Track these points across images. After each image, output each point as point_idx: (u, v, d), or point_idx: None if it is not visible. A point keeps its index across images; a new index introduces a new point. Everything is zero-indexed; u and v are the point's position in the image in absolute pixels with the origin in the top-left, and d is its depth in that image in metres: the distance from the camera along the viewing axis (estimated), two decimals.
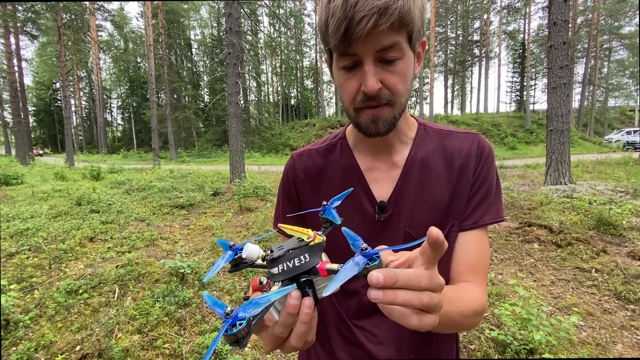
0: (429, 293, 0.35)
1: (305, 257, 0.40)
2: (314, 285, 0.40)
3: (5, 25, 18.48)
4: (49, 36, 23.32)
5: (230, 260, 0.42)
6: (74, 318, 2.62)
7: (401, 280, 0.34)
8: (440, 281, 0.36)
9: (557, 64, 6.36)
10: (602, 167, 10.11)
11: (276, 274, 0.40)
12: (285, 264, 0.40)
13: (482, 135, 0.69)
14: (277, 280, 0.40)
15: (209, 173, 10.86)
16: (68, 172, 11.95)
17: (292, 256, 0.40)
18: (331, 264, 0.39)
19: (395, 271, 0.34)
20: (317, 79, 35.92)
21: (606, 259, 3.34)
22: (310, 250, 0.40)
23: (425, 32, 0.60)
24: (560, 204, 5.13)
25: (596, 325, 2.43)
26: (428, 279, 0.35)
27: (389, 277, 0.33)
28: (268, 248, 0.43)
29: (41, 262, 3.63)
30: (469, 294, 0.57)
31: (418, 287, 0.34)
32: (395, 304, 0.34)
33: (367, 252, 0.34)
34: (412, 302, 0.34)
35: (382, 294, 0.34)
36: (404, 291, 0.34)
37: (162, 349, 2.26)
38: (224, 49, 9.06)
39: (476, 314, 0.55)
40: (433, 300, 0.35)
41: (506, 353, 2.09)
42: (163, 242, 4.48)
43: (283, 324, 0.39)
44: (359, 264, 0.34)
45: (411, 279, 0.34)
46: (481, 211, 0.64)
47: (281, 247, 0.42)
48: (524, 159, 15.30)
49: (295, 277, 0.39)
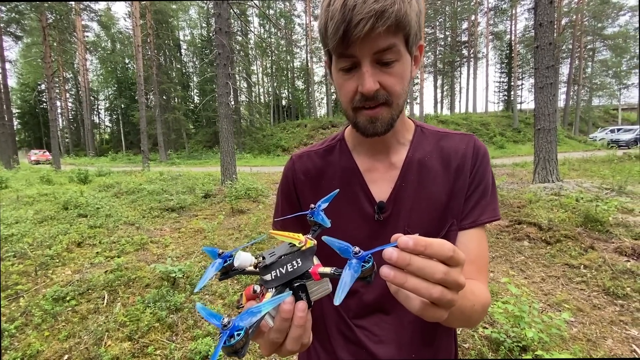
0: (441, 288, 0.35)
1: (298, 262, 0.39)
2: (307, 289, 0.40)
3: None
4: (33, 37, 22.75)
5: (219, 269, 0.41)
6: (62, 326, 2.55)
7: (414, 265, 0.34)
8: (457, 280, 0.36)
9: (544, 64, 6.49)
10: (587, 164, 10.34)
11: (269, 280, 0.39)
12: (278, 270, 0.39)
13: (476, 137, 0.70)
14: (270, 286, 0.39)
15: (200, 175, 10.74)
16: (54, 175, 11.66)
17: (284, 262, 0.40)
18: (323, 268, 0.39)
19: (411, 255, 0.34)
20: (308, 79, 35.90)
21: (594, 255, 3.41)
22: (302, 255, 0.40)
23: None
24: (549, 202, 5.22)
25: (586, 321, 2.47)
26: (442, 274, 0.34)
27: (403, 258, 0.34)
28: (259, 255, 0.43)
29: (27, 269, 3.52)
30: (479, 289, 0.58)
31: (431, 279, 0.34)
32: (404, 288, 0.35)
33: (360, 255, 0.34)
34: (421, 292, 0.35)
35: (392, 273, 0.35)
36: (415, 278, 0.34)
37: (153, 355, 2.22)
38: (214, 49, 8.97)
39: (484, 308, 0.57)
40: (444, 297, 0.35)
41: (499, 351, 2.11)
42: (153, 246, 4.40)
43: (278, 330, 0.39)
44: (356, 268, 0.34)
45: (425, 267, 0.34)
46: (479, 210, 0.65)
47: (273, 253, 0.42)
48: (512, 157, 15.55)
49: (289, 283, 0.39)
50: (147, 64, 25.36)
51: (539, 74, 6.59)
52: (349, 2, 0.49)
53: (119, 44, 37.80)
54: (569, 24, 27.98)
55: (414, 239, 0.34)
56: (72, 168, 14.26)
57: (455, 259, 0.35)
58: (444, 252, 0.35)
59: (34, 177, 11.32)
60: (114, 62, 37.34)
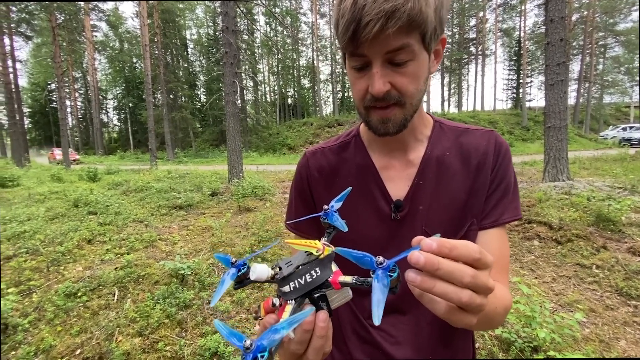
0: (470, 292, 0.33)
1: (317, 271, 0.38)
2: (327, 298, 0.39)
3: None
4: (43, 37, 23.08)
5: (234, 279, 0.40)
6: (74, 321, 2.59)
7: (443, 269, 0.32)
8: (487, 283, 0.34)
9: (555, 61, 6.37)
10: (599, 163, 10.15)
11: (288, 292, 0.38)
12: (297, 281, 0.38)
13: (498, 133, 0.68)
14: (289, 298, 0.38)
15: (207, 173, 10.80)
16: (64, 173, 11.85)
17: (302, 272, 0.38)
18: (344, 277, 0.37)
19: (439, 258, 0.32)
20: (314, 77, 35.82)
21: (607, 255, 3.35)
22: (321, 264, 0.39)
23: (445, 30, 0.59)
24: (559, 201, 5.14)
25: (599, 321, 2.43)
26: (471, 277, 0.33)
27: (431, 262, 0.32)
28: (276, 265, 0.41)
29: (39, 265, 3.58)
30: (501, 291, 0.56)
31: (460, 283, 0.33)
32: (432, 293, 0.33)
33: (385, 264, 0.32)
34: (450, 297, 0.33)
35: (420, 279, 0.33)
36: (444, 283, 0.33)
37: (163, 351, 2.24)
38: (220, 48, 9.01)
39: (506, 310, 0.56)
40: (474, 301, 0.33)
41: (510, 351, 2.08)
42: (162, 243, 4.44)
43: (299, 341, 0.38)
44: (384, 280, 0.31)
45: (455, 271, 0.32)
46: (500, 209, 0.63)
47: (290, 263, 0.40)
48: (521, 156, 15.33)
49: (308, 293, 0.38)
50: (155, 63, 25.56)
51: (549, 71, 6.47)
52: (360, 1, 0.47)
53: (127, 44, 38.11)
54: (580, 19, 27.48)
55: (437, 242, 0.33)
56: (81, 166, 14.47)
57: (482, 261, 0.34)
58: (471, 254, 0.34)
59: (44, 175, 11.51)
60: (122, 61, 37.71)
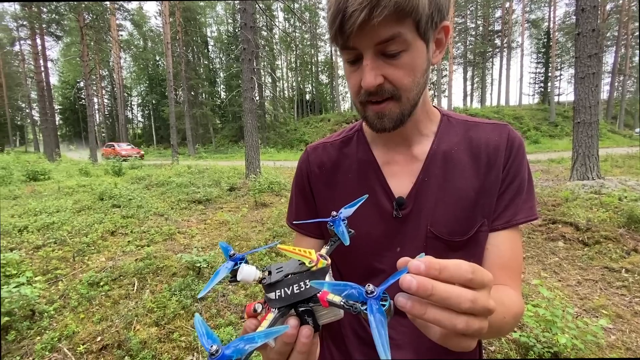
0: (466, 318, 0.30)
1: (306, 283, 0.35)
2: (314, 313, 0.36)
3: (31, 26, 19.25)
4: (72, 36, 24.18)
5: (230, 271, 0.39)
6: (96, 309, 2.70)
7: (437, 295, 0.28)
8: (486, 306, 0.31)
9: (586, 53, 6.02)
10: (632, 161, 9.58)
11: (273, 300, 0.36)
12: (283, 290, 0.36)
13: (511, 126, 0.63)
14: (273, 306, 0.36)
15: (226, 169, 11.00)
16: (91, 168, 12.38)
17: (291, 282, 0.36)
18: (333, 296, 0.33)
19: (433, 282, 0.29)
20: (332, 73, 35.69)
21: (637, 259, 3.16)
22: (312, 276, 0.36)
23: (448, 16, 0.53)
24: (588, 200, 4.88)
25: (626, 328, 2.30)
26: (470, 303, 0.29)
27: (424, 287, 0.28)
28: (266, 269, 0.39)
29: (65, 255, 3.76)
30: (510, 298, 0.53)
31: (458, 309, 0.29)
32: (424, 320, 0.30)
33: (376, 294, 0.29)
34: (443, 324, 0.30)
35: (410, 304, 0.30)
36: (436, 309, 0.29)
37: (178, 341, 2.30)
38: (239, 45, 9.09)
39: (516, 318, 0.52)
40: (470, 327, 0.30)
41: (529, 355, 2.00)
42: (180, 236, 4.56)
43: (279, 352, 0.36)
44: (380, 309, 0.28)
45: (451, 297, 0.29)
46: (513, 209, 0.59)
47: (280, 269, 0.38)
48: (548, 153, 14.72)
49: (294, 305, 0.35)
50: (176, 60, 26.19)
51: (580, 63, 6.13)
52: None
53: (150, 42, 39.29)
54: (614, 9, 25.90)
55: (425, 263, 0.29)
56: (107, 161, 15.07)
57: (477, 282, 0.31)
58: (463, 274, 0.30)
59: (73, 170, 12.07)
60: (146, 59, 38.93)
